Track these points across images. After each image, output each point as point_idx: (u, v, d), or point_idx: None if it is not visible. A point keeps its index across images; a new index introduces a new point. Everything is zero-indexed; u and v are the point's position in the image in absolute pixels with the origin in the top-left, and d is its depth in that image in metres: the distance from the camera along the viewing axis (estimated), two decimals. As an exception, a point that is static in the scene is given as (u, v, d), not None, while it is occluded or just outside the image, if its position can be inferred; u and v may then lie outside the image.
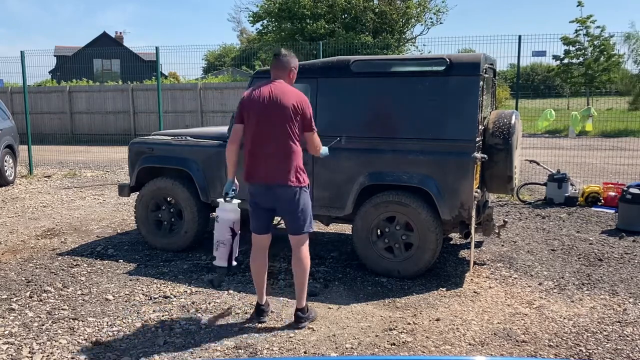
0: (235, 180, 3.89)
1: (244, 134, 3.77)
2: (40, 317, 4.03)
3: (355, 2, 24.89)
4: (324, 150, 4.08)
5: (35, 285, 4.71)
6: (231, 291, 4.54)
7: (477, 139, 4.58)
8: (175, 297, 4.42)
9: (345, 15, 25.77)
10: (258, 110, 3.69)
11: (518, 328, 3.86)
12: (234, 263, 3.97)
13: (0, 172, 9.77)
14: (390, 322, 3.95)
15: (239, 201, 3.94)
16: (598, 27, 25.16)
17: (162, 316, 4.04)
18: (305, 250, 3.87)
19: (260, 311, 3.98)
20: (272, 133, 3.68)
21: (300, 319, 3.87)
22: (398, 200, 4.72)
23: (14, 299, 4.39)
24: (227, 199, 3.87)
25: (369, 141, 4.84)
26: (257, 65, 21.07)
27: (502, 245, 5.93)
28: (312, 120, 3.82)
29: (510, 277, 4.95)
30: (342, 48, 17.42)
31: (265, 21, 28.13)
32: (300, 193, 3.75)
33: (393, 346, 3.59)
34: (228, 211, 3.87)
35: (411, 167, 4.71)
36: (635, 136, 14.51)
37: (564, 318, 4.03)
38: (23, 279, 4.88)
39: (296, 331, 3.79)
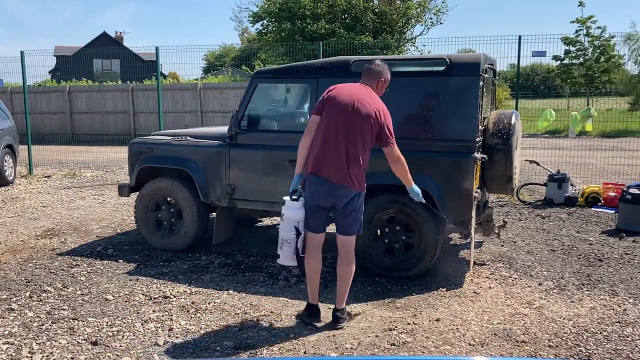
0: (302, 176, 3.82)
1: (318, 127, 3.73)
2: (40, 317, 4.03)
3: (355, 3, 24.90)
4: (416, 189, 3.97)
5: (35, 285, 4.71)
6: (231, 291, 4.54)
7: (477, 139, 4.58)
8: (175, 297, 4.41)
9: (346, 16, 25.78)
10: (340, 108, 3.68)
11: (518, 328, 3.86)
12: (304, 264, 3.88)
13: (0, 172, 9.77)
14: (390, 322, 3.95)
15: (304, 200, 3.83)
16: (599, 27, 25.19)
17: (162, 316, 4.04)
18: (352, 252, 3.90)
19: (315, 312, 3.92)
20: (346, 134, 3.68)
21: (339, 319, 3.87)
22: (398, 200, 4.72)
23: (14, 299, 4.39)
24: (294, 197, 3.81)
25: (369, 141, 4.83)
26: (257, 65, 21.07)
27: (502, 246, 5.93)
28: (391, 135, 3.79)
29: (510, 277, 4.94)
30: (342, 48, 17.42)
31: (265, 21, 28.14)
32: (358, 196, 3.81)
33: (393, 346, 3.59)
34: (294, 209, 3.79)
35: (411, 167, 4.69)
36: (635, 136, 14.50)
37: (564, 318, 4.03)
38: (23, 279, 4.88)
39: (296, 331, 3.79)
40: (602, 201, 7.75)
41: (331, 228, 6.20)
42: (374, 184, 4.78)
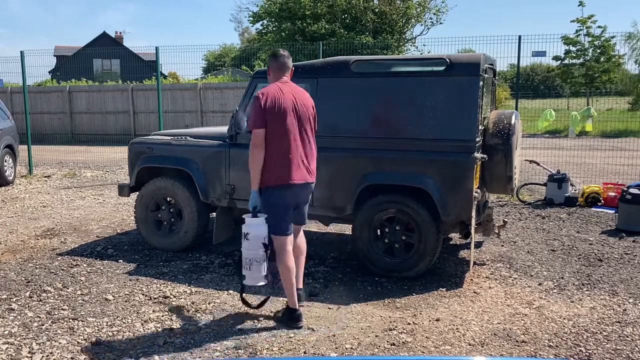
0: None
1: (271, 138, 3.67)
2: (40, 317, 4.03)
3: (355, 3, 24.90)
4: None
5: (35, 285, 4.71)
6: (231, 291, 4.54)
7: (477, 139, 4.58)
8: (175, 297, 4.41)
9: (346, 16, 25.78)
10: (288, 113, 3.68)
11: (518, 328, 3.86)
12: (269, 277, 3.84)
13: (0, 172, 9.77)
14: (390, 322, 3.95)
15: (266, 215, 3.76)
16: (599, 27, 25.20)
17: (162, 316, 4.04)
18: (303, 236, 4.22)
19: (299, 316, 3.86)
20: (303, 134, 3.81)
21: (300, 297, 4.02)
22: (398, 200, 4.72)
23: (14, 299, 4.39)
24: (256, 213, 3.72)
25: (369, 141, 4.84)
26: (257, 65, 21.06)
27: (502, 246, 5.93)
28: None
29: (510, 277, 4.94)
30: (342, 48, 17.42)
31: (265, 21, 28.14)
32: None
33: (393, 346, 3.59)
34: (259, 226, 3.68)
35: (411, 167, 4.71)
36: (635, 136, 14.49)
37: (564, 318, 4.03)
38: (23, 279, 4.88)
39: (296, 331, 3.79)
40: (602, 201, 7.74)
41: (332, 228, 6.23)
42: (374, 184, 4.80)
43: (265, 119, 3.65)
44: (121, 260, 5.38)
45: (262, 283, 3.80)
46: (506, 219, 6.39)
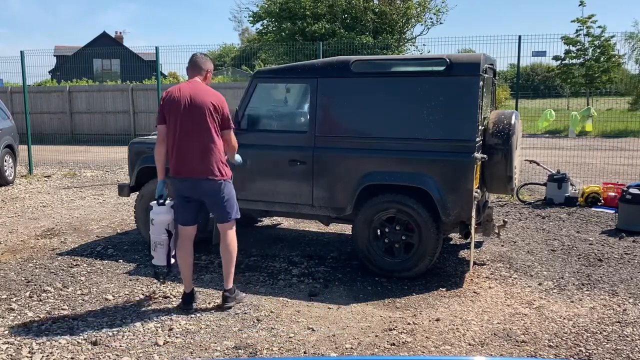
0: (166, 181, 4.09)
1: (167, 133, 3.98)
2: (39, 317, 4.03)
3: (355, 2, 24.89)
4: (238, 157, 4.35)
5: (35, 285, 4.71)
6: (231, 291, 4.54)
7: (477, 139, 4.58)
8: (175, 297, 4.41)
9: (346, 16, 25.77)
10: (179, 109, 3.92)
11: (518, 328, 3.86)
12: (172, 261, 4.14)
13: (0, 171, 9.77)
14: (390, 322, 3.95)
15: (172, 202, 4.09)
16: (599, 27, 25.20)
17: (162, 316, 4.04)
18: (232, 236, 4.17)
19: (189, 299, 4.18)
20: (194, 130, 3.93)
21: (227, 299, 4.17)
22: (398, 200, 4.72)
23: (14, 299, 4.39)
24: (160, 201, 4.05)
25: (369, 141, 4.84)
26: (257, 65, 21.06)
27: (502, 245, 5.93)
28: (230, 118, 4.10)
29: (510, 277, 4.94)
30: (342, 48, 17.41)
31: (265, 21, 28.12)
32: (225, 185, 4.04)
33: (393, 346, 3.59)
34: (162, 213, 4.04)
35: (411, 167, 4.71)
36: (635, 136, 14.50)
37: (564, 318, 4.03)
38: (23, 278, 4.88)
39: (296, 331, 3.80)
40: (602, 201, 7.74)
41: (332, 228, 6.24)
42: (374, 183, 4.80)
43: (164, 116, 3.97)
44: (121, 260, 5.38)
45: (164, 264, 4.11)
46: (506, 219, 6.38)
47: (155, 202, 4.08)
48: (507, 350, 3.53)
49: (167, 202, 4.08)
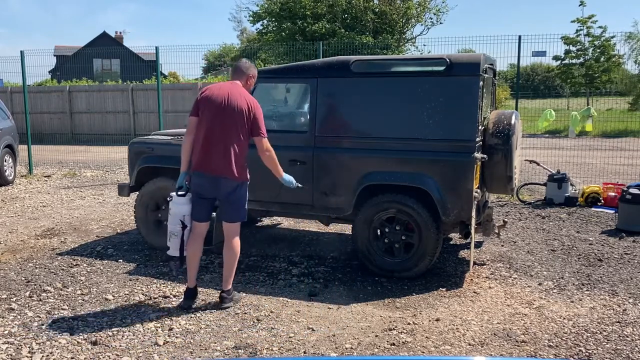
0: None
1: (198, 127, 4.01)
2: (39, 317, 4.03)
3: (355, 2, 24.88)
4: (289, 178, 4.28)
5: (35, 285, 4.71)
6: (231, 291, 4.53)
7: (477, 139, 4.58)
8: (175, 297, 4.41)
9: (346, 16, 25.76)
10: (215, 106, 3.98)
11: (518, 328, 3.86)
12: (185, 254, 4.14)
13: (0, 171, 9.77)
14: (390, 322, 3.95)
15: (190, 195, 4.11)
16: (600, 27, 25.20)
17: (162, 316, 4.04)
18: (236, 238, 4.19)
19: (191, 294, 4.23)
20: (224, 129, 3.97)
21: (224, 299, 4.19)
22: (398, 200, 4.72)
23: (14, 299, 4.39)
24: (180, 192, 4.08)
25: (369, 141, 4.84)
26: (257, 65, 21.04)
27: (502, 245, 5.93)
28: (262, 127, 4.08)
29: (510, 277, 4.94)
30: (342, 48, 17.41)
31: (265, 21, 28.11)
32: (240, 186, 4.09)
33: (393, 346, 3.59)
34: (180, 204, 4.07)
35: (411, 167, 4.71)
36: (635, 136, 14.50)
37: (564, 318, 4.03)
38: (23, 278, 4.88)
39: (296, 331, 3.80)
40: (602, 201, 7.74)
41: (332, 228, 6.23)
42: (374, 183, 4.80)
43: (198, 109, 4.02)
44: (121, 260, 5.38)
45: (177, 255, 4.11)
46: (506, 219, 6.39)
47: (174, 192, 4.11)
48: (507, 350, 3.53)
49: (188, 194, 4.09)
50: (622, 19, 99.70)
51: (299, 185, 4.36)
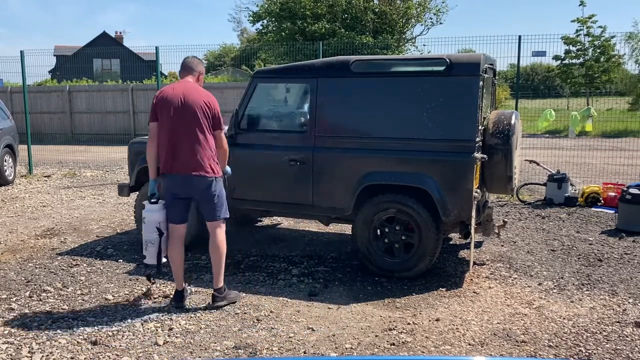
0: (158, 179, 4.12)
1: (159, 131, 4.00)
2: (39, 317, 4.03)
3: (355, 2, 24.88)
4: (228, 169, 4.37)
5: (35, 285, 4.71)
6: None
7: (477, 139, 4.58)
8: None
9: (346, 16, 25.76)
10: (172, 107, 3.95)
11: (518, 328, 3.86)
12: (164, 260, 4.13)
13: (0, 171, 9.77)
14: (390, 322, 3.95)
15: (164, 201, 4.09)
16: (600, 27, 25.20)
17: (162, 316, 4.04)
18: (221, 235, 4.17)
19: (180, 297, 4.21)
20: (186, 128, 3.95)
21: (216, 298, 4.17)
22: (398, 200, 4.72)
23: (14, 299, 4.39)
24: (153, 200, 4.07)
25: (369, 141, 4.84)
26: (257, 65, 21.05)
27: (502, 245, 5.93)
28: (221, 120, 4.10)
29: (510, 277, 4.94)
30: (342, 48, 17.40)
31: (265, 21, 28.11)
32: (215, 182, 4.07)
33: (393, 346, 3.59)
34: (154, 212, 4.05)
35: (411, 167, 4.71)
36: (635, 136, 14.49)
37: (564, 318, 4.03)
38: (22, 278, 4.88)
39: (296, 331, 3.80)
40: (602, 201, 7.74)
41: (332, 228, 6.23)
42: (374, 183, 4.80)
43: (156, 113, 4.00)
44: (121, 260, 5.38)
45: (155, 263, 4.09)
46: (506, 219, 6.39)
47: (146, 201, 4.11)
48: (507, 350, 3.53)
49: (160, 201, 4.09)
50: (622, 19, 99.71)
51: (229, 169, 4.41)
